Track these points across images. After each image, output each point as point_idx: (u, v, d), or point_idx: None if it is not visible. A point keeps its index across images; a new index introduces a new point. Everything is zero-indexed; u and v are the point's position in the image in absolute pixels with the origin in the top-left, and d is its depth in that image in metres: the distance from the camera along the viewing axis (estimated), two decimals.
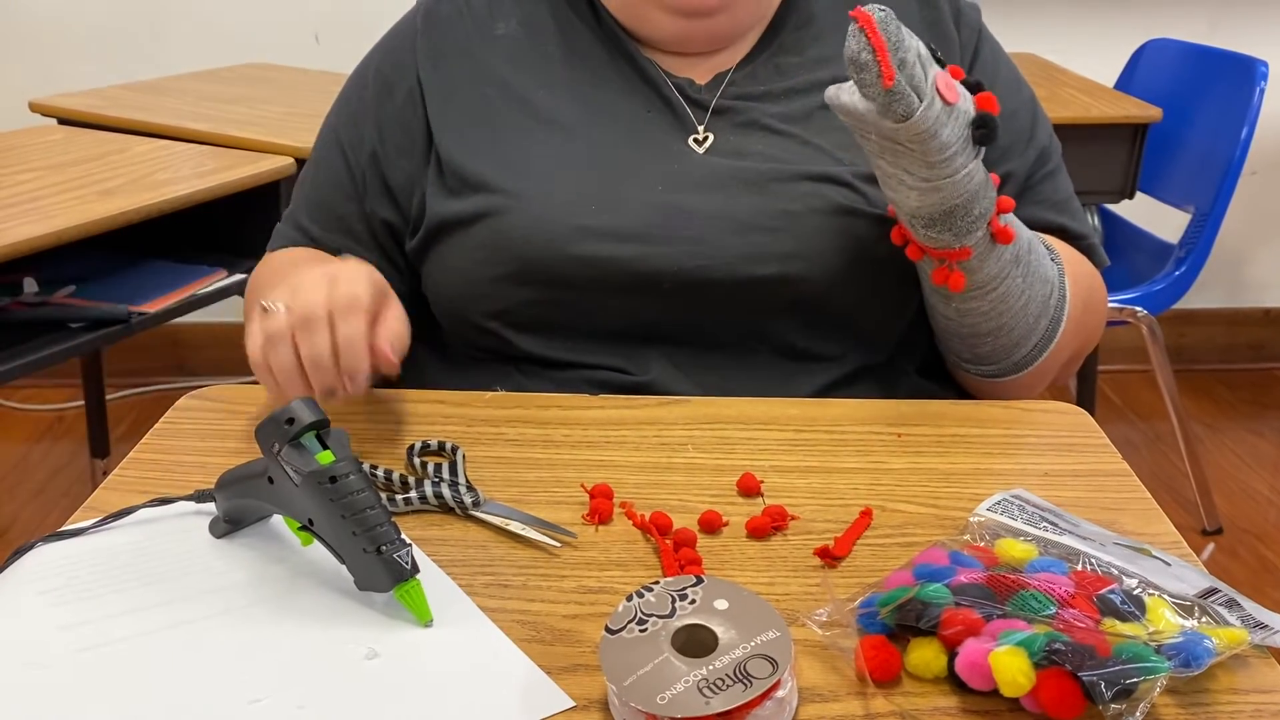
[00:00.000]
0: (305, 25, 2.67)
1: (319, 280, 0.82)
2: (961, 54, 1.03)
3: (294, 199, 1.10)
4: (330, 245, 1.05)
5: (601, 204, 0.95)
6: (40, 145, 1.80)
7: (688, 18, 0.98)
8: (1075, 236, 1.04)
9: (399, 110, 1.03)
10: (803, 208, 0.95)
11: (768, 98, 1.01)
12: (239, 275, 1.74)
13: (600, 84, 1.02)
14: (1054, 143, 1.06)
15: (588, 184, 0.96)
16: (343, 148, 1.06)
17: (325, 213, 1.06)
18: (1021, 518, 0.75)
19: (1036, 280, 0.92)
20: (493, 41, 1.03)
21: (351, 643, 0.66)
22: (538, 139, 0.99)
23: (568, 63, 1.03)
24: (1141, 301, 2.20)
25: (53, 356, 1.49)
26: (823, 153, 0.98)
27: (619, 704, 0.58)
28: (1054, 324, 0.95)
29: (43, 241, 1.41)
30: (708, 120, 1.01)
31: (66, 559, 0.73)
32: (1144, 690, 0.57)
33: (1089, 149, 2.07)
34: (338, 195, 1.06)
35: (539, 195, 0.96)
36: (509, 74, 1.02)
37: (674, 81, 1.01)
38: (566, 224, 0.94)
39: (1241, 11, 2.75)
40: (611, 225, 0.94)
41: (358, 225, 1.05)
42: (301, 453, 0.68)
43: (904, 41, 0.78)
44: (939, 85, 0.80)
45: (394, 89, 1.04)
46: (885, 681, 0.62)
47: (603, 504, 0.78)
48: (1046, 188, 1.04)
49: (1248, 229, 2.90)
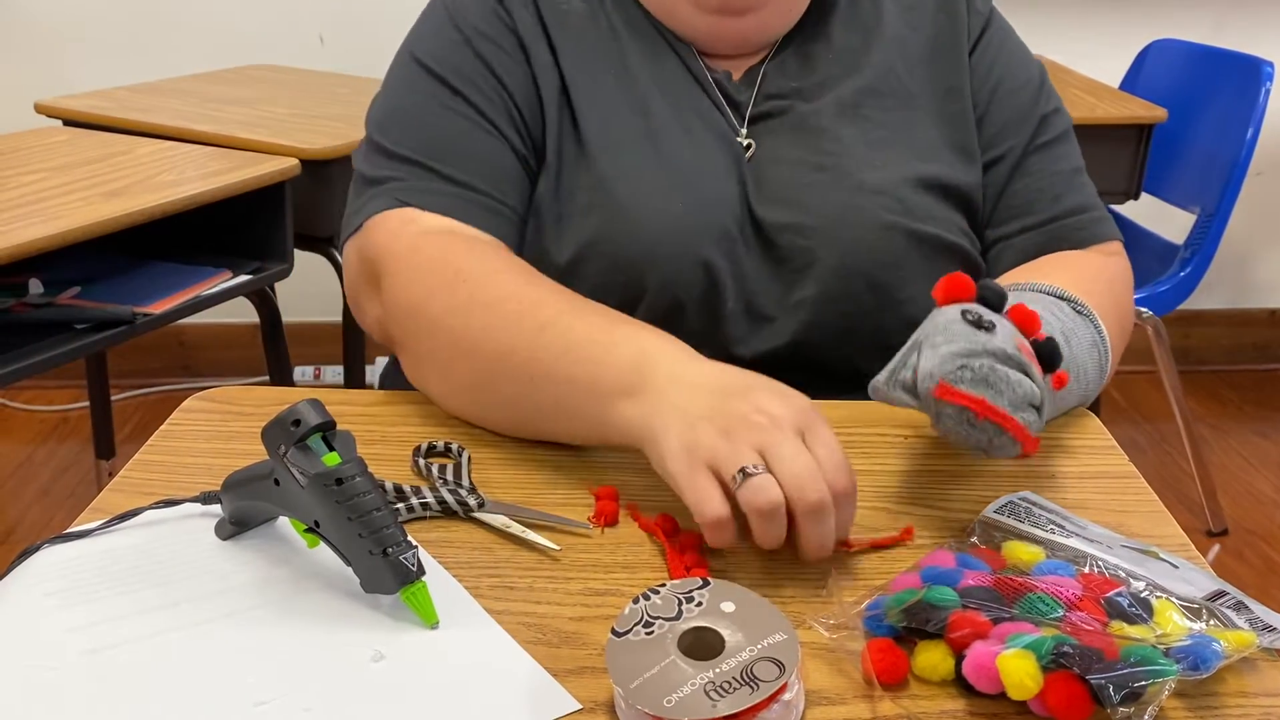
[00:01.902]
0: (310, 26, 2.67)
1: (796, 441, 0.68)
2: (969, 35, 1.04)
3: (399, 157, 0.96)
4: (490, 192, 0.95)
5: (687, 204, 0.96)
6: (45, 146, 1.80)
7: (719, 15, 0.99)
8: (1075, 210, 1.02)
9: (518, 65, 0.98)
10: (837, 223, 0.95)
11: (800, 95, 1.02)
12: (244, 276, 1.74)
13: (661, 70, 1.01)
14: (1057, 115, 1.06)
15: (672, 187, 0.96)
16: (469, 100, 0.97)
17: (470, 158, 0.95)
18: (1029, 520, 0.75)
19: (1089, 368, 0.88)
20: (559, 17, 1.01)
21: (357, 645, 0.65)
22: (612, 129, 0.98)
23: (632, 41, 1.01)
24: (1147, 302, 2.20)
25: (58, 357, 1.49)
26: (860, 159, 0.98)
27: (625, 707, 0.58)
28: (1104, 372, 0.92)
29: (48, 243, 1.41)
30: (746, 126, 1.01)
31: (72, 561, 0.73)
32: (1152, 693, 0.57)
33: (1094, 150, 2.04)
34: (485, 141, 0.96)
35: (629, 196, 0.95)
36: (575, 54, 1.00)
37: (714, 77, 1.01)
38: (651, 228, 0.94)
39: (1247, 12, 2.75)
40: (696, 230, 0.95)
41: (512, 168, 0.96)
42: (308, 454, 0.68)
43: (1009, 380, 0.68)
44: (1031, 362, 0.72)
45: (504, 46, 0.99)
46: (892, 684, 0.62)
47: (609, 506, 0.78)
48: (1043, 158, 1.03)
49: (1253, 230, 2.90)
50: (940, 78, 1.03)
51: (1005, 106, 1.04)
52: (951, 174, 1.00)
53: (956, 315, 0.73)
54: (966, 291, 0.75)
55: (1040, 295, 0.90)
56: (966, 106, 1.03)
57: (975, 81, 1.04)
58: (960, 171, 1.01)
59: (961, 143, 1.02)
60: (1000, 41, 1.06)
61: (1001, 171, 1.03)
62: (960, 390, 0.69)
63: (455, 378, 0.87)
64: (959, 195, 1.01)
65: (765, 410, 0.70)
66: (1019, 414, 0.69)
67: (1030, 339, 0.75)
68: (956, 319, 0.72)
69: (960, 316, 0.72)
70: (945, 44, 1.04)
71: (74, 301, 1.60)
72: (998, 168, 1.03)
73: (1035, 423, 0.70)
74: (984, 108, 1.04)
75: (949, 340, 0.71)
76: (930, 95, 1.03)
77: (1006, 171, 1.03)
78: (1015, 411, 0.69)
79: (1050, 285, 0.92)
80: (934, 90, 1.03)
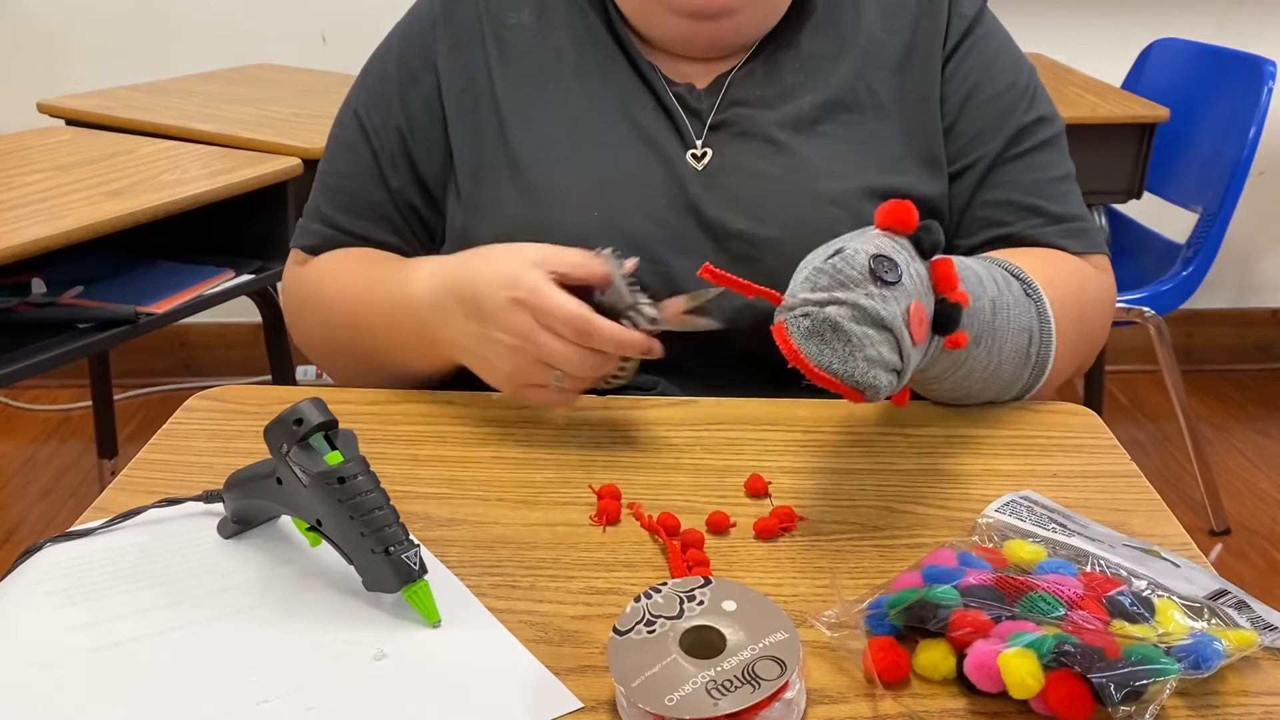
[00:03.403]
0: (312, 26, 2.67)
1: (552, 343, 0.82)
2: (947, 40, 1.02)
3: (315, 190, 1.08)
4: (359, 233, 1.05)
5: (604, 214, 0.96)
6: (48, 146, 1.80)
7: (693, 19, 0.98)
8: (1054, 219, 1.00)
9: (425, 98, 1.03)
10: (790, 234, 0.94)
11: (763, 103, 1.00)
12: (246, 276, 1.74)
13: (607, 85, 1.01)
14: (1041, 124, 1.02)
15: (590, 192, 0.97)
16: (367, 132, 1.05)
17: (351, 200, 1.05)
18: (1030, 519, 0.75)
19: (1008, 344, 0.86)
20: (503, 32, 1.03)
21: (360, 643, 0.66)
22: (541, 140, 0.99)
23: (577, 57, 1.02)
24: (1149, 302, 2.19)
25: (60, 357, 1.49)
26: (817, 169, 0.97)
27: (627, 705, 0.58)
28: (1040, 365, 0.90)
29: (50, 242, 1.41)
30: (705, 135, 1.00)
31: (75, 559, 0.73)
32: (1153, 692, 0.57)
33: (1096, 149, 2.06)
34: (365, 181, 1.05)
35: (544, 201, 0.97)
36: (514, 68, 1.02)
37: (674, 90, 1.01)
38: (568, 231, 0.94)
39: (1250, 11, 2.75)
40: (613, 238, 0.94)
41: (388, 210, 1.04)
42: (310, 453, 0.68)
43: (851, 338, 0.68)
44: (911, 327, 0.71)
45: (417, 76, 1.04)
46: (893, 683, 0.62)
47: (610, 505, 0.78)
48: (1016, 167, 1.01)
49: (1255, 229, 2.89)
50: (913, 86, 1.01)
51: (978, 115, 1.01)
52: (915, 185, 0.99)
53: (867, 259, 0.70)
54: (904, 224, 0.74)
55: (991, 264, 0.88)
56: (935, 116, 1.01)
57: (948, 89, 1.01)
58: (924, 183, 1.00)
59: (929, 153, 1.00)
60: (983, 47, 1.03)
61: (969, 181, 1.01)
62: (788, 338, 0.69)
63: (339, 372, 1.07)
64: (923, 207, 0.97)
65: (510, 330, 0.83)
66: (857, 370, 0.68)
67: (940, 297, 0.74)
68: (865, 261, 0.70)
69: (869, 261, 0.70)
70: (921, 50, 1.02)
71: (76, 301, 1.61)
72: (965, 177, 1.01)
73: (882, 384, 0.69)
74: (954, 117, 1.01)
75: (827, 278, 0.70)
76: (901, 103, 1.01)
77: (974, 181, 1.01)
78: (848, 368, 0.68)
79: (1010, 263, 0.91)
80: (905, 98, 1.01)
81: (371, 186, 1.04)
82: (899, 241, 0.74)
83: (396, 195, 1.04)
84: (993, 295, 0.84)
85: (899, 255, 0.72)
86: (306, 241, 1.07)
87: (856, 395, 0.69)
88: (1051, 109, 1.05)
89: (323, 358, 1.07)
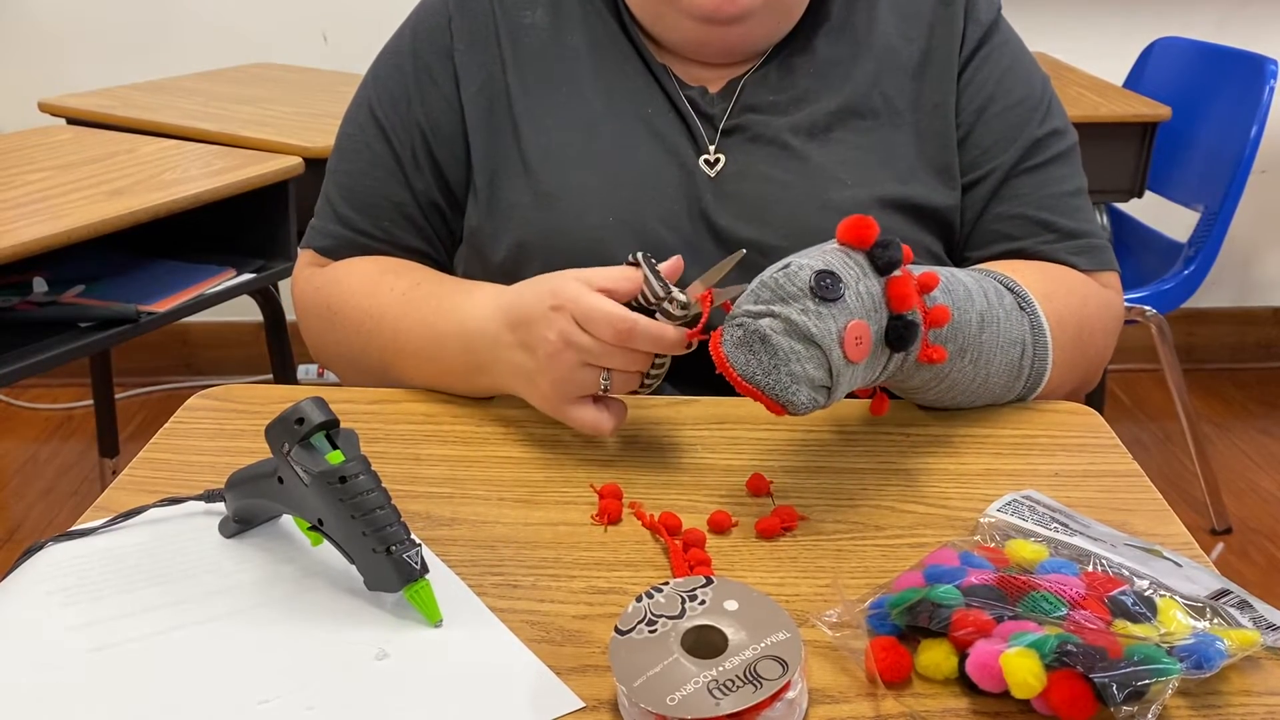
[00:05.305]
0: (314, 25, 2.67)
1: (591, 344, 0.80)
2: (963, 49, 1.01)
3: (328, 190, 1.06)
4: (379, 235, 1.03)
5: (619, 218, 0.96)
6: (49, 145, 1.80)
7: (707, 24, 0.97)
8: (1065, 235, 1.00)
9: (444, 95, 1.02)
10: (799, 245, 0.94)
11: (776, 109, 1.00)
12: (247, 275, 1.74)
13: (621, 86, 1.01)
14: (1055, 136, 1.02)
15: (605, 196, 0.97)
16: (386, 131, 1.03)
17: (371, 200, 1.03)
18: (1032, 518, 0.75)
19: (996, 357, 0.86)
20: (518, 31, 1.02)
21: (361, 643, 0.66)
22: (555, 142, 0.99)
23: (591, 59, 1.02)
24: (1150, 300, 2.19)
25: (61, 356, 1.49)
26: (830, 177, 0.97)
27: (628, 705, 0.58)
28: (1034, 377, 0.90)
29: (52, 241, 1.41)
30: (718, 140, 1.00)
31: (76, 559, 0.73)
32: (1156, 692, 0.57)
33: (1098, 148, 2.06)
34: (387, 181, 1.03)
35: (559, 204, 0.96)
36: (529, 69, 1.01)
37: (687, 94, 1.01)
38: (583, 234, 0.94)
39: (1251, 10, 2.74)
40: (628, 242, 0.94)
41: (412, 210, 1.03)
42: (311, 453, 0.68)
43: (778, 352, 0.71)
44: (845, 346, 0.72)
45: (435, 73, 1.02)
46: (895, 683, 0.62)
47: (612, 504, 0.78)
48: (1028, 182, 1.00)
49: (1257, 228, 2.89)
50: (928, 93, 1.01)
51: (993, 127, 1.01)
52: (927, 195, 0.99)
53: (810, 275, 0.72)
54: (861, 240, 0.75)
55: (984, 277, 0.88)
56: (950, 125, 1.00)
57: (963, 100, 1.01)
58: (938, 193, 0.99)
59: (942, 163, 1.00)
60: (998, 56, 1.02)
61: (981, 193, 1.01)
62: (719, 345, 0.73)
63: (352, 381, 1.03)
64: (934, 217, 0.99)
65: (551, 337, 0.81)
66: (779, 384, 0.71)
67: (895, 314, 0.75)
68: (807, 277, 0.72)
69: (811, 277, 0.72)
70: (937, 58, 1.01)
71: (78, 300, 1.61)
72: (978, 189, 1.01)
73: (801, 400, 0.71)
74: (969, 127, 1.01)
75: (769, 291, 0.73)
76: (916, 111, 1.00)
77: (987, 193, 1.00)
78: (770, 380, 0.71)
79: (1006, 276, 0.90)
80: (920, 106, 1.00)
81: (394, 186, 1.03)
82: (854, 258, 0.75)
83: (420, 196, 1.03)
84: (981, 309, 0.84)
85: (848, 272, 0.74)
86: (322, 243, 1.05)
87: (777, 408, 0.72)
88: (1065, 121, 1.04)
89: (339, 368, 1.05)
